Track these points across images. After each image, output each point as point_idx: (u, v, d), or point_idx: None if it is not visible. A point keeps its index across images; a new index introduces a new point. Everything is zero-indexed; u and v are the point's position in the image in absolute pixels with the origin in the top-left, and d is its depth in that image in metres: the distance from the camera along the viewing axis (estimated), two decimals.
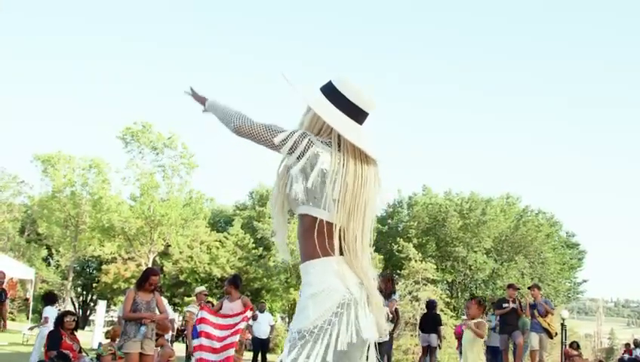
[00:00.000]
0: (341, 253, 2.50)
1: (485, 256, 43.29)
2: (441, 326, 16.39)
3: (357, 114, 2.63)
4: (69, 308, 39.81)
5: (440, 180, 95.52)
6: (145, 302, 8.42)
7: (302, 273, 2.55)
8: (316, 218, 2.50)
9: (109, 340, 12.33)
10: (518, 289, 16.05)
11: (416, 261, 39.49)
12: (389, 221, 47.66)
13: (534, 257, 44.52)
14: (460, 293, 44.40)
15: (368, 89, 2.66)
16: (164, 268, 41.78)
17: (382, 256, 41.70)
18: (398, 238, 42.97)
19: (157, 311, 8.57)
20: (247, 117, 2.59)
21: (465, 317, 16.36)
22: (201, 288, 12.18)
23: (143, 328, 8.25)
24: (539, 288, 15.30)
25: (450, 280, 44.12)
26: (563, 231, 48.82)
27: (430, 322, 15.50)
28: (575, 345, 20.42)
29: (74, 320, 10.26)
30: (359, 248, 2.52)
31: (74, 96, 74.73)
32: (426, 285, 38.87)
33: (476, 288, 44.56)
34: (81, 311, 51.86)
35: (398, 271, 41.97)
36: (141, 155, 34.19)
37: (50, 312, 13.32)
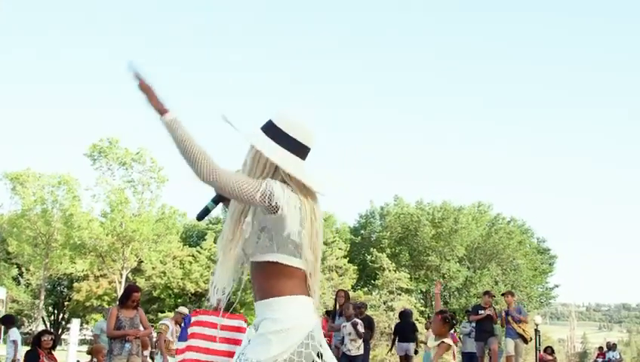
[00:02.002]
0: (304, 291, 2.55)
1: (458, 264, 43.66)
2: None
3: (299, 149, 2.60)
4: (41, 327, 39.28)
5: (411, 190, 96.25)
6: (128, 319, 8.44)
7: (263, 308, 2.53)
8: (285, 264, 2.51)
9: (89, 357, 12.27)
10: (494, 296, 16.25)
11: (390, 271, 39.72)
12: (362, 231, 47.89)
13: (507, 264, 45.02)
14: (434, 302, 44.68)
15: (308, 123, 2.64)
16: (138, 285, 41.45)
17: (356, 267, 41.87)
18: (372, 249, 43.17)
19: (141, 327, 8.58)
20: (219, 168, 2.43)
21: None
22: (184, 309, 12.17)
23: (127, 345, 8.28)
24: (512, 295, 15.46)
25: (424, 290, 44.37)
26: (534, 237, 49.47)
27: (407, 331, 15.53)
28: (549, 350, 20.71)
29: (51, 339, 10.23)
30: (316, 285, 2.59)
31: (41, 113, 74.11)
32: (400, 294, 39.09)
33: (450, 296, 44.88)
34: (52, 330, 51.15)
35: (372, 281, 42.16)
36: (110, 171, 34.07)
37: (16, 335, 13.27)
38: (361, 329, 11.44)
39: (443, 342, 6.92)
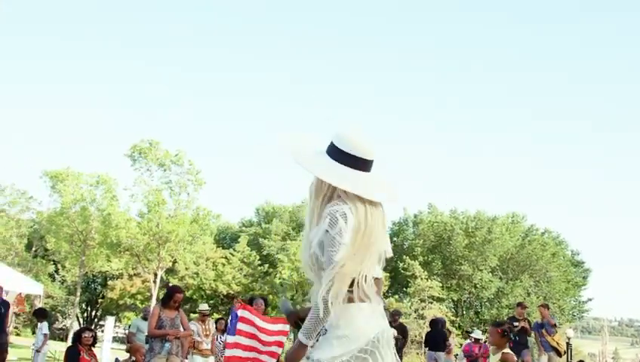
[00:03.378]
0: (363, 300, 2.68)
1: (491, 274, 43.30)
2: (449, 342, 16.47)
3: (360, 163, 2.80)
4: (75, 324, 39.88)
5: (446, 199, 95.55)
6: (169, 319, 8.56)
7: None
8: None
9: (127, 355, 12.48)
10: (527, 307, 16.17)
11: (421, 279, 39.55)
12: (395, 239, 47.75)
13: (540, 276, 44.52)
14: (465, 312, 44.41)
15: (364, 137, 2.82)
16: (170, 284, 41.84)
17: (387, 274, 41.77)
18: (404, 256, 43.02)
19: (181, 328, 8.72)
20: (323, 291, 2.62)
21: (476, 336, 16.54)
22: (204, 306, 12.38)
23: (167, 344, 8.40)
24: (547, 307, 15.39)
25: (455, 299, 44.09)
26: (568, 249, 48.88)
27: (437, 339, 15.52)
28: None
29: (92, 336, 10.37)
30: (377, 292, 2.75)
31: (83, 112, 75.34)
32: (431, 303, 38.91)
33: (482, 306, 44.58)
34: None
35: (404, 289, 42.01)
36: (149, 172, 34.50)
37: (47, 328, 13.62)
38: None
39: (503, 352, 7.11)
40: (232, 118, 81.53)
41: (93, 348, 10.43)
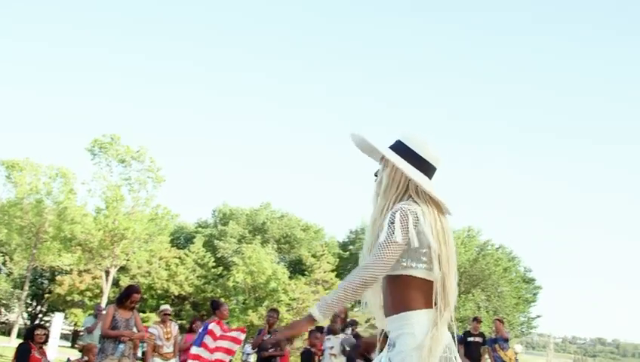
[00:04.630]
0: (434, 305, 2.59)
1: None
2: None
3: (427, 169, 2.74)
4: (21, 318, 38.97)
5: None
6: (124, 320, 8.35)
7: (398, 322, 2.60)
8: (417, 276, 2.59)
9: (80, 355, 12.17)
10: (481, 322, 16.31)
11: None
12: (351, 247, 47.90)
13: (491, 290, 45.05)
14: None
15: (434, 144, 2.77)
16: (121, 283, 41.20)
17: None
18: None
19: (135, 329, 8.52)
20: (365, 266, 2.54)
21: None
22: (166, 307, 12.11)
23: (121, 346, 8.19)
24: (502, 322, 15.57)
25: None
26: (521, 266, 49.59)
27: None
28: None
29: (45, 334, 10.10)
30: (452, 300, 2.64)
31: (43, 103, 73.83)
32: None
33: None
34: (29, 322, 50.72)
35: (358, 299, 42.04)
36: (108, 167, 33.99)
37: None
38: (347, 347, 11.30)
39: None
40: (196, 117, 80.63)
41: (44, 346, 10.16)
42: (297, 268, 45.08)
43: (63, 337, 38.46)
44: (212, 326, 8.45)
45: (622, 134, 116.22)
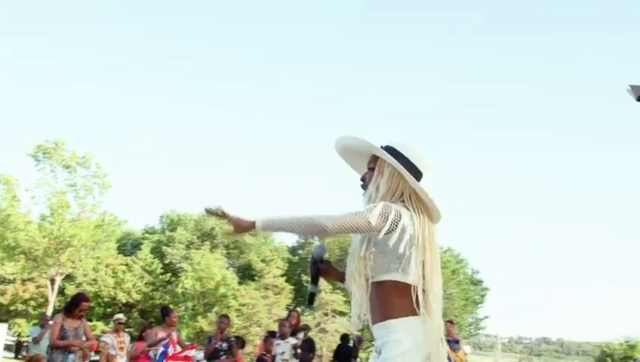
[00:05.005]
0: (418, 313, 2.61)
1: None
2: (356, 359, 16.62)
3: (417, 175, 2.76)
4: None
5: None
6: (73, 329, 8.19)
7: (383, 330, 2.62)
8: (401, 282, 2.61)
9: None
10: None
11: (325, 292, 39.77)
12: (300, 251, 47.90)
13: None
14: (365, 326, 44.79)
15: (423, 152, 2.81)
16: (66, 291, 40.38)
17: (292, 287, 41.80)
18: (309, 269, 43.11)
19: (84, 338, 8.37)
20: (327, 215, 2.58)
21: None
22: (120, 316, 11.90)
23: (71, 356, 8.04)
24: (452, 323, 15.75)
25: None
26: (469, 268, 50.38)
27: (344, 353, 15.61)
28: None
29: None
30: (437, 307, 2.64)
31: None
32: (334, 317, 39.16)
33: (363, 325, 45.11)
34: None
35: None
36: (53, 173, 33.30)
37: None
38: (299, 350, 11.28)
39: None
40: (142, 122, 79.61)
41: None
42: (247, 274, 44.88)
43: (7, 348, 37.51)
44: (170, 349, 8.48)
45: (569, 131, 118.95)
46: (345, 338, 16.62)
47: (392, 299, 2.61)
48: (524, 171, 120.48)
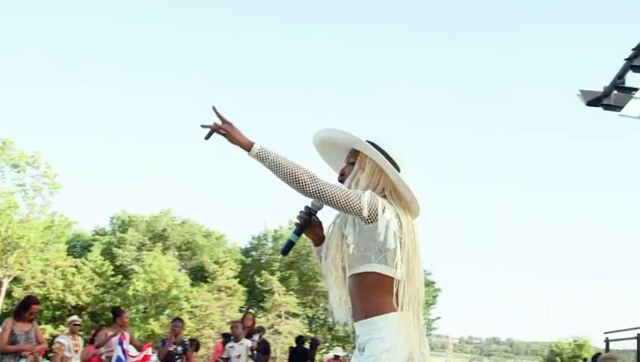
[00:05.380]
0: (402, 308, 2.60)
1: None
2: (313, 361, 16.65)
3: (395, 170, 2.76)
4: None
5: None
6: (24, 333, 8.05)
7: (367, 327, 2.60)
8: (383, 275, 2.59)
9: None
10: None
11: (279, 294, 39.75)
12: (253, 253, 47.76)
13: None
14: (319, 328, 44.97)
15: (400, 148, 2.81)
16: (14, 294, 39.48)
17: (245, 289, 41.66)
18: (262, 271, 43.11)
19: (36, 342, 8.21)
20: (313, 175, 2.55)
21: (336, 352, 16.85)
22: (75, 317, 11.67)
23: (22, 361, 7.88)
24: None
25: (310, 315, 44.58)
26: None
27: (300, 355, 15.64)
28: None
29: None
30: (420, 303, 2.66)
31: None
32: (287, 318, 39.17)
33: (335, 324, 45.31)
34: None
35: (261, 304, 42.03)
36: (1, 173, 32.52)
37: None
38: (255, 352, 11.22)
39: None
40: (93, 121, 78.08)
41: None
42: (199, 275, 44.53)
43: None
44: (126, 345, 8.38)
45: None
46: (300, 339, 16.64)
47: (375, 295, 2.59)
48: (473, 171, 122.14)
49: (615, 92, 10.66)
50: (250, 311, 40.48)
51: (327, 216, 2.88)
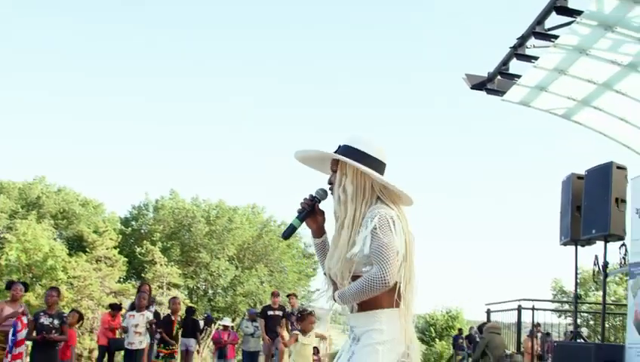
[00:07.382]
0: (398, 305, 2.67)
1: (228, 262, 44.17)
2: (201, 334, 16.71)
3: (379, 166, 2.78)
4: None
5: (188, 186, 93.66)
6: None
7: (366, 319, 2.66)
8: None
9: None
10: (279, 296, 16.90)
11: (161, 265, 39.22)
12: (134, 223, 46.78)
13: (274, 266, 46.38)
14: (199, 299, 44.80)
15: (378, 140, 2.82)
16: None
17: (125, 259, 40.77)
18: (143, 241, 42.33)
19: None
20: (381, 271, 2.51)
21: (225, 323, 17.01)
22: None
23: None
24: (296, 296, 16.32)
25: (191, 286, 44.28)
26: (302, 242, 51.40)
27: (189, 327, 15.62)
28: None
29: None
30: (414, 299, 2.72)
31: None
32: (169, 289, 38.74)
33: (216, 294, 45.33)
34: None
35: (142, 275, 41.32)
36: None
37: None
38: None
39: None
40: None
41: None
42: (77, 245, 43.07)
43: None
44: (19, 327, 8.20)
45: None
46: (190, 310, 16.62)
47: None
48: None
49: (499, 77, 11.29)
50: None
51: (327, 215, 3.00)
